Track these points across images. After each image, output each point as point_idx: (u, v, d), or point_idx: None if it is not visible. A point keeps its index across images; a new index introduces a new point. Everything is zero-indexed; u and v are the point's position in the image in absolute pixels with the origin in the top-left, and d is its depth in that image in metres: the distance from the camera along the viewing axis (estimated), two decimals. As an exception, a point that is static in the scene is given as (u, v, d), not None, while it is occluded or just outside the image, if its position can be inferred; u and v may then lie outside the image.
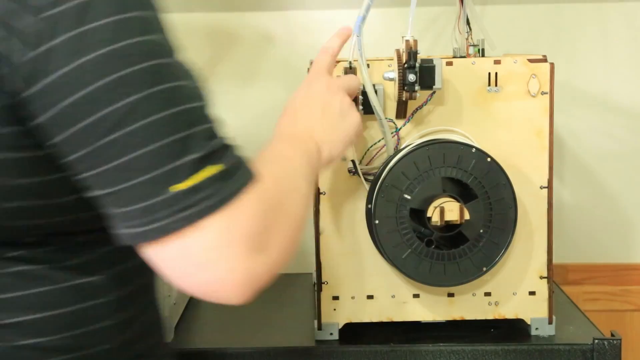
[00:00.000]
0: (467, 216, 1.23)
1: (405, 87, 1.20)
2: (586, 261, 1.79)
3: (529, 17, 1.74)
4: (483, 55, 1.41)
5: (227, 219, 0.78)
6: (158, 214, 0.76)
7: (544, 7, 1.74)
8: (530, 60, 1.30)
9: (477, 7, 1.46)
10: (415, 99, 1.22)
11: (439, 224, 1.22)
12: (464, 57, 1.41)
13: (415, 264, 1.26)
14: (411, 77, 1.19)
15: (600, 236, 1.80)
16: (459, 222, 1.23)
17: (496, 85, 1.30)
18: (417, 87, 1.20)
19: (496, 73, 1.30)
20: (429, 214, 1.23)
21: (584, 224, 1.79)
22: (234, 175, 0.80)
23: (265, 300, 1.55)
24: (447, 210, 1.22)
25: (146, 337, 1.00)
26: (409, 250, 1.25)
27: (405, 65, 1.20)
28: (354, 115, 1.10)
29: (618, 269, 1.79)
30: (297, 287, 1.61)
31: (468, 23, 1.46)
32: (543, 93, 1.30)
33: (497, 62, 1.30)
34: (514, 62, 1.30)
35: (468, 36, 1.47)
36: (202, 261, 0.78)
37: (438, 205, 1.22)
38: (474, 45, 1.45)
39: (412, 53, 1.19)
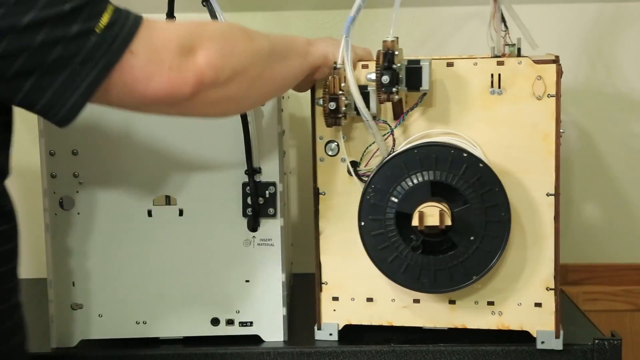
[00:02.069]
0: (448, 222, 1.19)
1: (383, 89, 1.18)
2: (586, 261, 1.76)
3: (570, 17, 1.67)
4: (519, 55, 1.36)
5: (147, 32, 0.96)
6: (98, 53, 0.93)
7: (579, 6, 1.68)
8: (536, 62, 1.24)
9: (515, 6, 1.40)
10: (393, 100, 1.20)
11: (419, 228, 1.20)
12: (499, 56, 1.36)
13: (402, 268, 1.24)
14: (384, 79, 1.17)
15: (600, 236, 1.76)
16: (440, 228, 1.19)
17: (499, 87, 1.25)
18: (394, 89, 1.18)
19: (499, 74, 1.25)
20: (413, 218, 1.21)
21: (584, 224, 1.75)
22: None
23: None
24: (427, 215, 1.19)
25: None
26: (395, 254, 1.23)
27: (382, 67, 1.18)
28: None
29: (618, 269, 1.76)
30: (300, 287, 1.59)
31: (504, 21, 1.41)
32: (549, 96, 1.24)
33: (500, 63, 1.25)
34: (519, 64, 1.25)
35: (505, 35, 1.42)
36: (146, 75, 0.96)
37: (419, 210, 1.19)
38: (511, 45, 1.39)
39: (387, 54, 1.17)
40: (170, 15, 1.33)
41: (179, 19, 1.32)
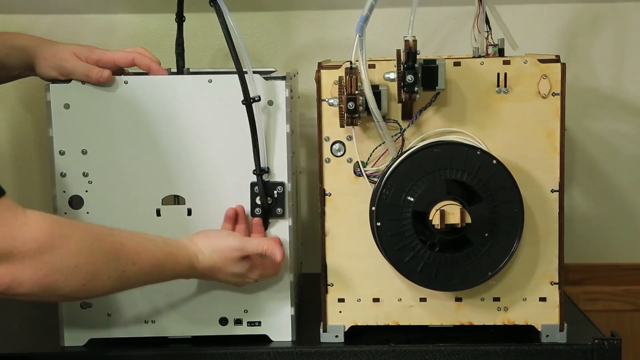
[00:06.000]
0: (468, 219, 1.21)
1: (405, 88, 1.18)
2: (586, 261, 1.78)
3: (549, 17, 1.71)
4: (501, 55, 1.38)
5: None
6: None
7: (568, 6, 1.71)
8: (541, 61, 1.27)
9: (498, 7, 1.42)
10: (415, 100, 1.20)
11: (439, 227, 1.20)
12: (482, 56, 1.38)
13: (418, 267, 1.24)
14: (409, 78, 1.17)
15: (601, 236, 1.78)
16: (460, 226, 1.20)
17: (505, 86, 1.27)
18: (416, 88, 1.18)
19: (505, 74, 1.27)
20: (430, 217, 1.21)
21: (584, 224, 1.77)
22: None
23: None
24: (448, 213, 1.20)
25: None
26: (412, 253, 1.23)
27: (404, 66, 1.18)
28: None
29: (618, 269, 1.78)
30: (309, 286, 1.59)
31: (487, 22, 1.43)
32: (554, 94, 1.27)
33: (506, 62, 1.27)
34: (524, 63, 1.27)
35: (488, 35, 1.44)
36: None
37: (439, 208, 1.20)
38: (494, 45, 1.42)
39: (410, 53, 1.17)
40: (179, 15, 1.29)
41: (189, 19, 1.29)
